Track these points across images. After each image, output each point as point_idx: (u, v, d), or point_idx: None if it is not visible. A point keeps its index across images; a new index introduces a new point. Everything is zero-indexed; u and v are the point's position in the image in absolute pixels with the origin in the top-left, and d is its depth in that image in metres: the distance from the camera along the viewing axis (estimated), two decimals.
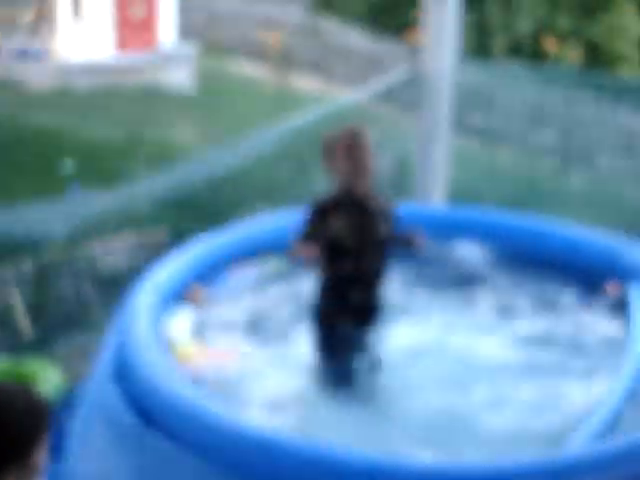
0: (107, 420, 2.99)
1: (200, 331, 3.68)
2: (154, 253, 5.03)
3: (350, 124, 3.60)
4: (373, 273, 3.55)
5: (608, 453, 2.55)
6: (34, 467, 2.00)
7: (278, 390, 3.24)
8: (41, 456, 2.01)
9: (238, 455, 2.58)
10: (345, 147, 3.45)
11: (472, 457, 2.79)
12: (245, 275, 4.19)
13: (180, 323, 3.63)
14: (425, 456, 2.79)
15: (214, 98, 10.32)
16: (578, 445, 2.69)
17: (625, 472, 2.51)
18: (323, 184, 5.72)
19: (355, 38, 14.84)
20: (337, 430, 2.96)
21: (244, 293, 4.08)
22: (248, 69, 15.06)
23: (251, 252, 4.38)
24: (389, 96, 6.25)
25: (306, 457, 2.53)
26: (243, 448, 2.58)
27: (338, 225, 3.43)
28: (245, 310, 3.90)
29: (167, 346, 3.30)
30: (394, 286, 3.86)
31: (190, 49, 12.23)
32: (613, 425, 2.85)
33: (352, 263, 3.45)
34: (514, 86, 6.44)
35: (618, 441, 2.70)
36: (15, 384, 2.12)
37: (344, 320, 3.48)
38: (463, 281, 4.25)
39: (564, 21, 15.79)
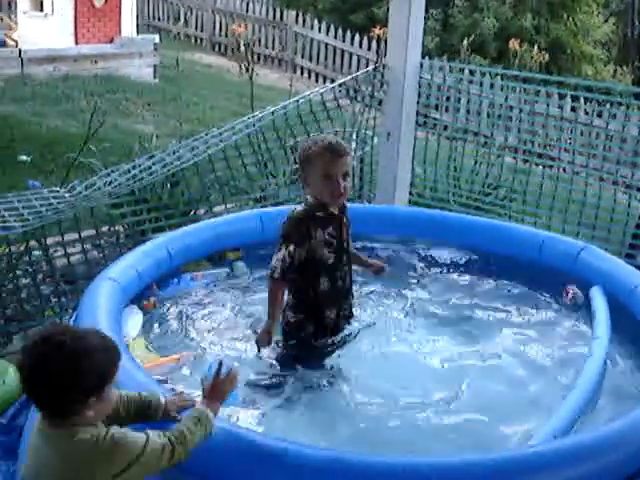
0: None
1: (151, 333, 3.62)
2: (112, 248, 4.96)
3: (328, 135, 3.56)
4: (347, 287, 3.55)
5: (570, 449, 2.56)
6: (108, 398, 2.24)
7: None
8: (111, 390, 2.25)
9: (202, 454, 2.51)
10: (312, 160, 3.35)
11: (435, 455, 2.78)
12: (202, 276, 4.13)
13: (133, 323, 3.56)
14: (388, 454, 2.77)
15: (177, 89, 10.20)
16: (540, 442, 2.70)
17: (586, 468, 2.52)
18: (284, 178, 5.73)
19: (321, 33, 14.78)
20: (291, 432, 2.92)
21: (199, 295, 4.02)
22: (211, 61, 14.95)
23: (210, 250, 4.34)
24: (354, 92, 6.22)
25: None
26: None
27: (318, 242, 3.38)
28: (200, 313, 3.84)
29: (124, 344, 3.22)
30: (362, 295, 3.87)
31: (151, 40, 12.08)
32: (574, 424, 2.86)
33: (329, 278, 3.43)
34: (478, 84, 6.45)
35: (580, 437, 2.71)
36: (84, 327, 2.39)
37: (317, 335, 3.45)
38: (421, 284, 4.24)
39: (528, 21, 15.91)
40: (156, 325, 3.70)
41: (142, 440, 2.20)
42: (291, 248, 3.34)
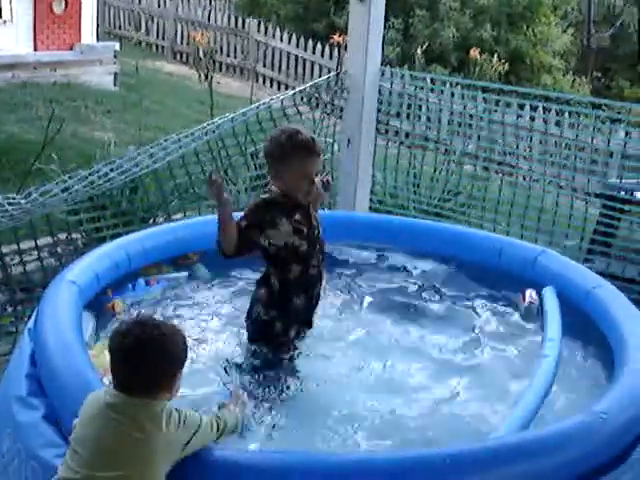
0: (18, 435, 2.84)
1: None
2: (70, 256, 4.90)
3: (295, 128, 3.51)
4: (317, 278, 3.48)
5: (532, 441, 2.60)
6: (179, 383, 2.50)
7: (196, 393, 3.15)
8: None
9: None
10: (290, 157, 3.28)
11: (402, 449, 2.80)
12: (156, 280, 4.09)
13: (93, 327, 3.52)
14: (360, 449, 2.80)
15: (137, 96, 10.12)
16: (503, 434, 2.73)
17: (546, 462, 2.56)
18: (244, 185, 5.71)
19: (283, 42, 14.81)
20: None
21: (159, 302, 3.99)
22: (172, 69, 14.89)
23: (170, 254, 4.30)
24: (314, 99, 6.24)
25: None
26: None
27: (286, 230, 3.32)
28: (161, 315, 3.80)
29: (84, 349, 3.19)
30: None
31: (112, 47, 11.98)
32: (531, 420, 2.90)
33: (299, 268, 3.37)
34: (438, 93, 6.51)
35: (540, 431, 2.75)
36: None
37: (286, 326, 3.38)
38: (383, 289, 4.25)
39: (488, 32, 16.10)
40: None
41: (197, 415, 2.51)
42: (243, 223, 3.28)
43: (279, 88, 14.53)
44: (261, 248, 3.37)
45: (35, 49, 11.45)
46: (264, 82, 15.04)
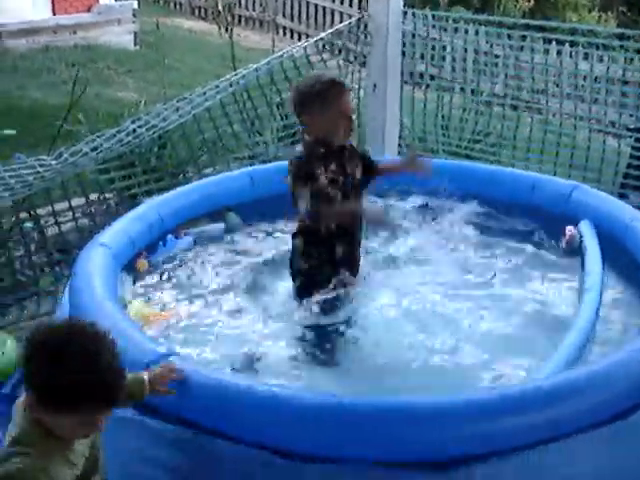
0: None
1: (148, 293, 3.62)
2: (103, 216, 4.93)
3: (319, 73, 3.46)
4: (351, 227, 3.45)
5: (579, 380, 2.58)
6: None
7: (230, 342, 3.19)
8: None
9: (208, 408, 2.53)
10: (324, 96, 3.23)
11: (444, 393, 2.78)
12: (185, 233, 4.10)
13: (129, 286, 3.55)
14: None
15: (158, 54, 10.07)
16: (548, 375, 2.70)
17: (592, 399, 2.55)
18: (272, 136, 5.68)
19: None
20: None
21: (192, 254, 4.01)
22: (192, 25, 14.77)
23: (202, 211, 4.31)
24: (338, 47, 6.17)
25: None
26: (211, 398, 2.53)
27: (323, 179, 3.28)
28: (194, 269, 3.84)
29: (121, 306, 3.23)
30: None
31: (130, 6, 11.90)
32: (579, 356, 2.89)
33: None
34: (463, 34, 6.39)
35: (586, 369, 2.72)
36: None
37: (328, 274, 3.35)
38: (417, 231, 4.22)
39: None
40: (149, 285, 3.69)
41: None
42: (300, 184, 3.25)
43: (299, 39, 14.35)
44: None
45: (54, 13, 11.41)
46: (284, 33, 14.86)
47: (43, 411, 2.04)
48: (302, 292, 3.39)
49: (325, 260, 3.37)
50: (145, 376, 2.43)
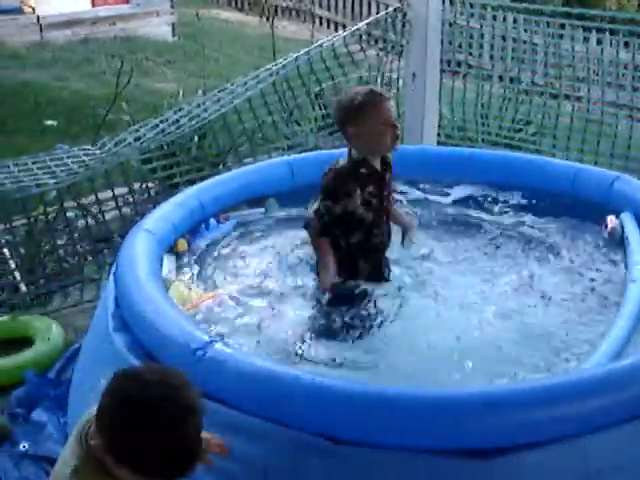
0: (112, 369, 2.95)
1: (191, 276, 3.66)
2: (145, 204, 5.00)
3: (367, 85, 3.49)
4: (383, 242, 3.48)
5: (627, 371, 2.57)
6: None
7: (273, 328, 3.22)
8: None
9: (251, 392, 2.55)
10: (365, 108, 3.24)
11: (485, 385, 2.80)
12: (225, 218, 4.13)
13: (172, 269, 3.60)
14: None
15: (197, 45, 10.14)
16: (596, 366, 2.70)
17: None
18: (311, 125, 5.70)
19: None
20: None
21: (234, 239, 4.04)
22: (229, 16, 14.82)
23: (241, 199, 4.34)
24: (375, 38, 6.16)
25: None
26: (256, 385, 2.56)
27: (356, 202, 3.30)
28: (235, 253, 3.87)
29: (165, 290, 3.28)
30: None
31: None
32: (625, 347, 2.87)
33: (365, 234, 3.37)
34: (501, 22, 6.35)
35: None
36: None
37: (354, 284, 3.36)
38: (461, 222, 4.21)
39: None
40: (193, 267, 3.73)
41: None
42: (329, 203, 3.28)
43: (337, 29, 14.32)
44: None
45: (93, 5, 11.54)
46: (321, 24, 14.82)
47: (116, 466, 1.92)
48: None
49: (346, 275, 3.37)
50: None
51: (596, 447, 2.42)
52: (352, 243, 3.37)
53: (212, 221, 4.09)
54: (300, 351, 3.07)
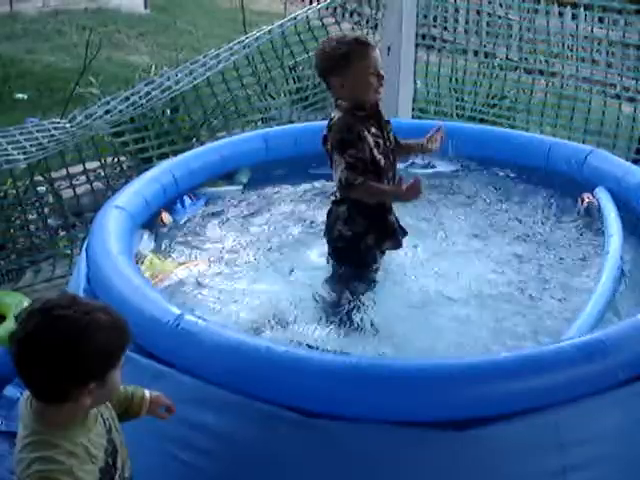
0: None
1: (166, 251, 3.64)
2: (117, 179, 4.94)
3: (340, 34, 3.39)
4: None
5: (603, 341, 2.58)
6: (111, 384, 1.98)
7: (246, 300, 3.20)
8: (117, 375, 1.99)
9: (217, 365, 2.55)
10: (351, 57, 3.09)
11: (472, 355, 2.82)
12: (195, 197, 4.11)
13: (145, 242, 3.58)
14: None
15: (169, 18, 10.02)
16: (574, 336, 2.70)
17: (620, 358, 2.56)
18: (285, 99, 5.66)
19: None
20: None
21: (208, 214, 4.02)
22: None
23: (216, 173, 4.31)
24: (349, 11, 6.12)
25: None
26: (224, 358, 2.56)
27: (371, 141, 3.14)
28: (211, 228, 3.86)
29: (137, 261, 3.25)
30: None
31: None
32: (602, 317, 2.90)
33: (383, 181, 3.20)
34: None
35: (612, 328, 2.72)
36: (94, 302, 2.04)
37: (372, 241, 3.25)
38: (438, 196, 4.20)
39: None
40: (168, 241, 3.72)
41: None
42: (352, 151, 3.08)
43: (310, 2, 14.20)
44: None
45: None
46: None
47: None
48: (341, 257, 3.30)
49: (374, 228, 3.25)
50: (147, 394, 2.29)
51: (567, 419, 2.44)
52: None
53: (185, 198, 4.06)
54: (273, 323, 3.05)
